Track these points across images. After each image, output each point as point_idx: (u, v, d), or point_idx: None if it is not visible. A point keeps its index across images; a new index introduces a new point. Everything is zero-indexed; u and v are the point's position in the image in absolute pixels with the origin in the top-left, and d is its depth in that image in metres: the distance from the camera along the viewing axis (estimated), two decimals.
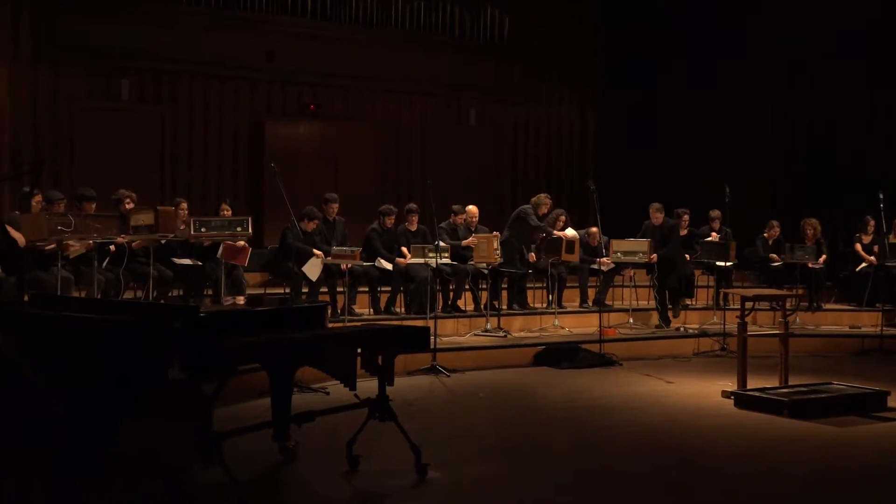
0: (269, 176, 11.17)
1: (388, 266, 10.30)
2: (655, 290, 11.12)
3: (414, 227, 10.80)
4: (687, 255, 11.70)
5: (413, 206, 10.88)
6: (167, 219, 8.78)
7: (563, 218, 11.26)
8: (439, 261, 9.81)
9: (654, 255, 10.90)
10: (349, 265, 9.59)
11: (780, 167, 13.97)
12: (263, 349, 4.82)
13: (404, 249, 10.42)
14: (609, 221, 11.09)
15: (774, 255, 12.13)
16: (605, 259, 11.23)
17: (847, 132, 13.28)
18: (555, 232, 11.01)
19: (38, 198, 8.53)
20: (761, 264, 12.31)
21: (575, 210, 13.30)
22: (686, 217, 11.96)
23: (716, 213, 12.14)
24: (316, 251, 9.53)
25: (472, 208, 11.11)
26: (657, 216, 11.13)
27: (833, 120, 13.40)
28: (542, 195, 11.13)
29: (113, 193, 9.35)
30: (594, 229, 11.08)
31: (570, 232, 11.08)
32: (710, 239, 11.79)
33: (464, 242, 10.70)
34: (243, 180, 13.68)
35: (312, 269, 9.44)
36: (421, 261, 10.06)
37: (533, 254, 11.14)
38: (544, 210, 11.06)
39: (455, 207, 11.12)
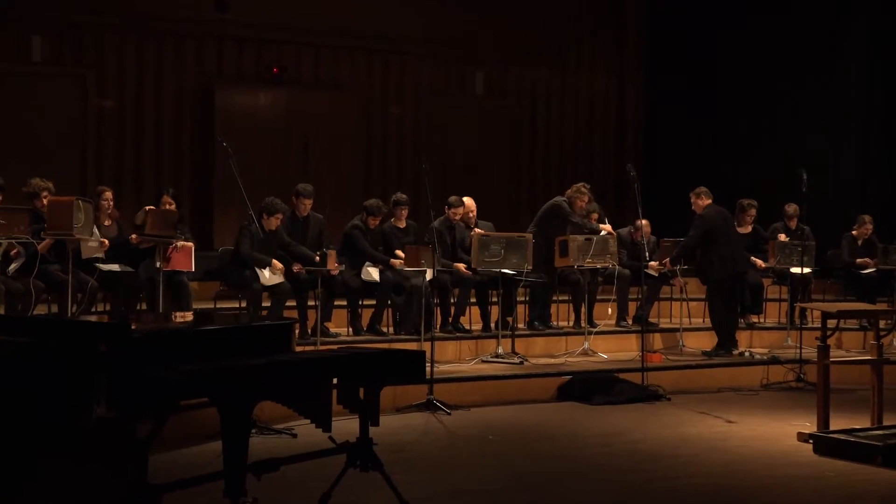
0: (220, 158, 11.46)
1: (374, 275, 10.38)
2: (713, 305, 11.22)
3: (403, 224, 10.91)
4: (760, 263, 11.80)
5: (402, 196, 10.94)
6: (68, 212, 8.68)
7: (595, 214, 11.40)
8: (437, 266, 9.93)
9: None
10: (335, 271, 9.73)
11: (872, 151, 14.12)
12: (213, 380, 4.85)
13: (399, 252, 10.51)
14: (653, 217, 11.18)
15: (866, 260, 12.19)
16: (655, 263, 11.34)
17: None
18: (602, 227, 11.10)
19: None
20: (848, 271, 12.41)
21: (609, 202, 13.35)
22: (753, 211, 12.06)
23: (792, 207, 12.23)
24: (276, 262, 9.58)
25: (468, 201, 11.25)
26: (701, 202, 11.12)
27: None
28: (580, 185, 11.27)
29: (24, 185, 9.44)
30: (644, 222, 11.12)
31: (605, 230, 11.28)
32: (781, 239, 11.90)
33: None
34: (188, 164, 13.88)
35: (269, 277, 9.55)
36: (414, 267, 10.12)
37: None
38: (582, 204, 11.19)
39: (452, 200, 11.24)
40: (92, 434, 4.55)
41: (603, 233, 11.06)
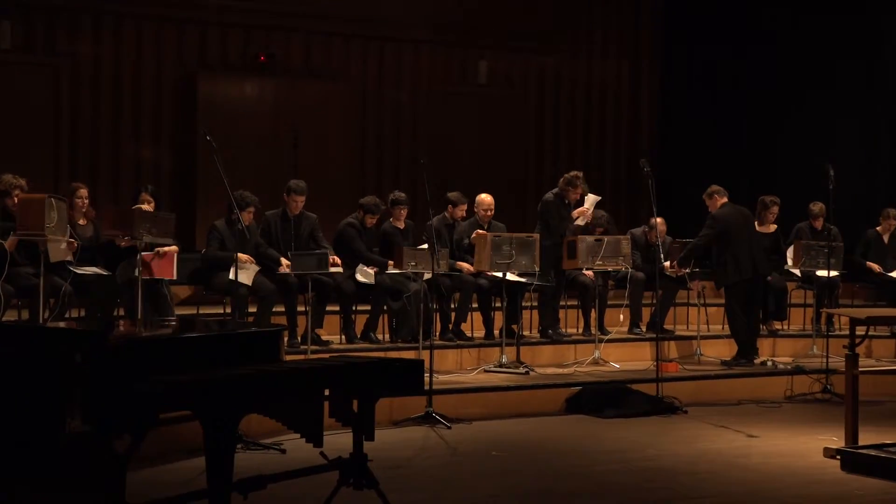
0: (203, 153, 11.40)
1: (370, 278, 10.34)
2: (731, 311, 11.16)
3: (402, 224, 10.93)
4: (797, 269, 11.75)
5: (401, 195, 10.93)
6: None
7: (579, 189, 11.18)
8: (437, 269, 9.82)
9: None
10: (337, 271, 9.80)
11: None
12: (195, 391, 4.85)
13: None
14: (669, 215, 11.07)
15: (872, 265, 12.18)
16: (668, 264, 11.30)
17: None
18: (575, 212, 10.93)
19: None
20: (876, 273, 12.40)
21: (622, 199, 13.30)
22: (775, 209, 11.98)
23: (818, 206, 12.21)
24: (242, 256, 9.46)
25: (485, 198, 11.19)
26: (714, 202, 11.09)
27: None
28: (573, 174, 11.10)
29: None
30: (658, 221, 11.11)
31: (589, 203, 11.00)
32: (804, 240, 11.87)
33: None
34: (168, 159, 13.80)
35: (242, 273, 9.43)
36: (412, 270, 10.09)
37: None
38: (575, 196, 11.09)
39: (452, 196, 11.19)
40: (65, 450, 4.55)
41: (588, 203, 10.94)
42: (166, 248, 9.60)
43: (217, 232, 9.86)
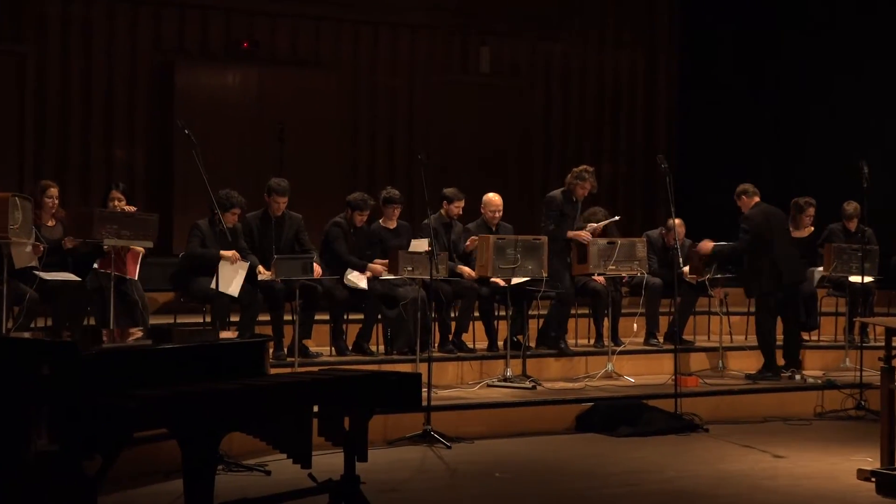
0: (181, 147, 11.38)
1: (361, 282, 10.31)
2: (762, 321, 11.09)
3: (394, 224, 10.91)
4: (829, 274, 11.65)
5: (394, 193, 10.90)
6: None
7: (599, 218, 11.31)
8: (434, 272, 9.67)
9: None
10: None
11: None
12: (173, 407, 4.86)
13: (376, 263, 10.43)
14: (687, 217, 11.08)
15: None
16: (688, 269, 11.26)
17: None
18: (572, 235, 10.92)
19: None
20: None
21: (637, 199, 13.28)
22: (811, 210, 12.04)
23: (852, 206, 12.17)
24: (224, 252, 9.46)
25: (493, 198, 11.18)
26: (745, 202, 11.03)
27: None
28: (582, 169, 11.03)
29: None
30: (677, 222, 11.03)
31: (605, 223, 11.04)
32: (837, 243, 11.82)
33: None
34: (142, 154, 13.73)
35: (228, 277, 9.39)
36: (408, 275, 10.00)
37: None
38: (583, 192, 11.04)
39: (448, 191, 11.13)
40: (30, 471, 4.57)
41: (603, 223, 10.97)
42: (135, 247, 9.54)
43: (199, 230, 9.82)
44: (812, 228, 12.08)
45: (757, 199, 11.00)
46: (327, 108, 14.30)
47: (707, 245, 11.01)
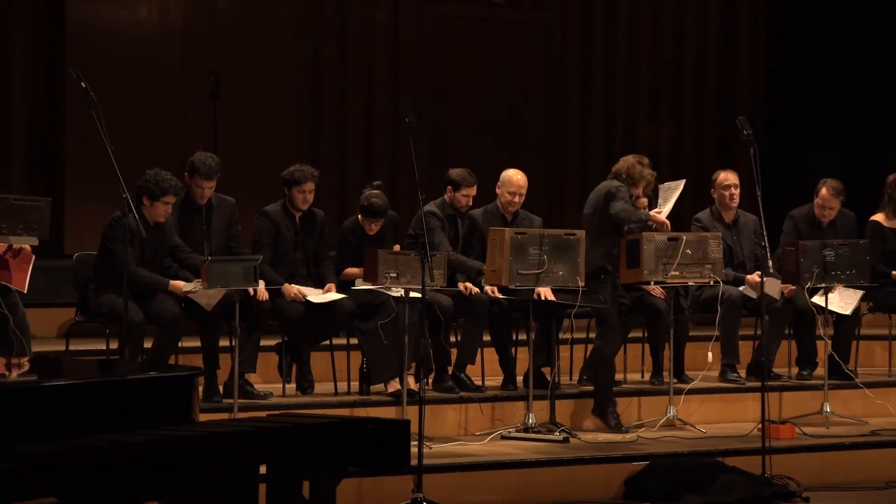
0: (74, 106, 10.77)
1: (323, 296, 9.64)
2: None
3: (373, 231, 10.31)
4: None
5: (374, 197, 9.96)
6: None
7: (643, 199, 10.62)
8: (427, 282, 8.90)
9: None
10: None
11: None
12: (62, 470, 4.89)
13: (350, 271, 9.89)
14: (775, 199, 10.55)
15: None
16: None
17: None
18: (652, 214, 10.14)
19: None
20: None
21: (706, 175, 12.09)
22: None
23: None
24: (177, 284, 8.95)
25: (513, 175, 10.27)
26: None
27: None
28: (636, 159, 10.15)
29: None
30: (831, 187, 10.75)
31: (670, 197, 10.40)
32: None
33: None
34: (21, 116, 12.48)
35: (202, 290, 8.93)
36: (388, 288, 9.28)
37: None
38: (643, 187, 10.26)
39: (454, 174, 10.34)
40: None
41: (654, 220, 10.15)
42: (21, 245, 8.98)
43: (124, 230, 8.68)
44: None
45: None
46: (279, 51, 13.18)
47: None
